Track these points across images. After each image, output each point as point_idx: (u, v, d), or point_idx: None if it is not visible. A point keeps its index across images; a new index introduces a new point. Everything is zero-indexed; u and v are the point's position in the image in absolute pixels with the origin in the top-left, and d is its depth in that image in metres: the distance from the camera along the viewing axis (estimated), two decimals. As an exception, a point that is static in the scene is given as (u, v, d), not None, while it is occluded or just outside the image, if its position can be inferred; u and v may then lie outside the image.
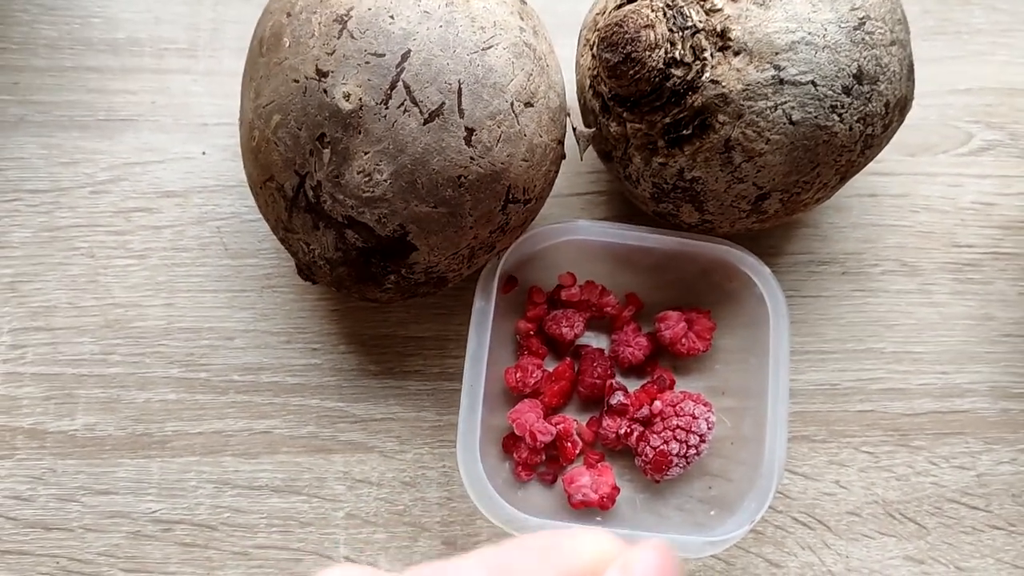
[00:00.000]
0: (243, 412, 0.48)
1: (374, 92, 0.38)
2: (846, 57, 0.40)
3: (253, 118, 0.41)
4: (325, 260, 0.42)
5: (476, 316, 0.45)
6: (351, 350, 0.49)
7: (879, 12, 0.41)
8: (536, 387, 0.48)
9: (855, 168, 0.43)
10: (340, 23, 0.38)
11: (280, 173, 0.41)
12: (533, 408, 0.47)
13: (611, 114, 0.44)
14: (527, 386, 0.48)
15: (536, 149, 0.41)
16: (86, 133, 0.52)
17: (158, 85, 0.53)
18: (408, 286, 0.43)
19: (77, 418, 0.48)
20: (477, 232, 0.41)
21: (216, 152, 0.52)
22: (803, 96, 0.39)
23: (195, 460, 0.47)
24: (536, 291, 0.49)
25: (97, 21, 0.54)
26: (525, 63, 0.40)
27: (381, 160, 0.38)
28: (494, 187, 0.40)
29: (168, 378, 0.49)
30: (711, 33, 0.40)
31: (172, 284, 0.50)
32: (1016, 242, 0.53)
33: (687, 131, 0.41)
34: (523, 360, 0.49)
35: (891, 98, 0.42)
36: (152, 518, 0.47)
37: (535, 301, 0.49)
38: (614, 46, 0.41)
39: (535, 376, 0.48)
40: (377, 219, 0.39)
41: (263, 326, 0.50)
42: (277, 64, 0.40)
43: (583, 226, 0.46)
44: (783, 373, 0.44)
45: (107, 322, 0.49)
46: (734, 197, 0.43)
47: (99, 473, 0.47)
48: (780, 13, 0.39)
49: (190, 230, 0.51)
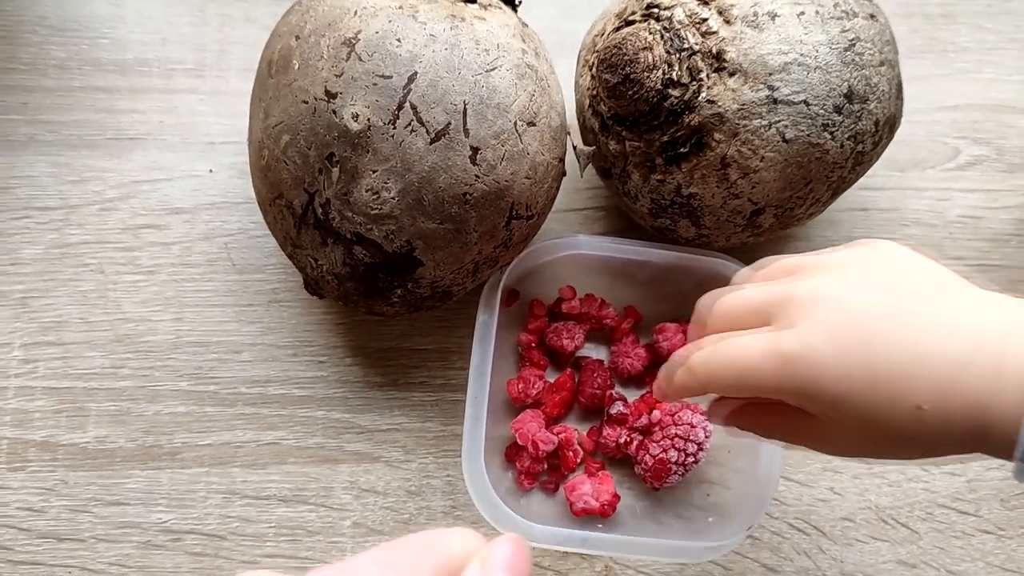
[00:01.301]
0: (251, 424, 0.49)
1: (382, 113, 0.39)
2: (837, 77, 0.41)
3: (263, 138, 0.42)
4: (333, 275, 0.43)
5: (480, 329, 0.46)
6: (357, 362, 0.50)
7: (868, 34, 0.42)
8: (538, 398, 0.49)
9: (846, 184, 0.45)
10: (348, 46, 0.40)
11: (289, 191, 0.42)
12: (535, 418, 0.48)
13: (610, 132, 0.45)
14: (529, 397, 0.49)
15: (538, 167, 0.42)
16: (95, 152, 0.53)
17: (166, 105, 0.54)
18: (414, 300, 0.44)
19: (88, 430, 0.49)
20: (482, 247, 0.42)
21: (223, 170, 0.53)
22: (796, 115, 0.41)
23: (204, 471, 0.48)
24: (537, 304, 0.51)
25: (106, 42, 0.55)
26: (527, 84, 0.41)
27: (389, 178, 0.40)
28: (498, 204, 0.41)
29: (177, 391, 0.50)
30: (707, 55, 0.41)
31: (181, 299, 0.51)
32: (1003, 254, 0.54)
33: (684, 149, 0.42)
34: (525, 371, 0.50)
35: (881, 116, 0.43)
36: (162, 528, 0.48)
37: (536, 314, 0.50)
38: (613, 67, 0.42)
39: (537, 387, 0.49)
40: (385, 235, 0.41)
41: (270, 339, 0.51)
42: (286, 86, 0.41)
43: (583, 241, 0.48)
44: None
45: (117, 337, 0.50)
46: (730, 212, 0.44)
47: (110, 484, 0.48)
48: (773, 35, 0.41)
49: (198, 246, 0.52)
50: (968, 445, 0.31)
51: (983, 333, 0.30)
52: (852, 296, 0.32)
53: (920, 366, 0.30)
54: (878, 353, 0.31)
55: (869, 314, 0.31)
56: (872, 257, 0.34)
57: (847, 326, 0.31)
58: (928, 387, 0.30)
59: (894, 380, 0.31)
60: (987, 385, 0.30)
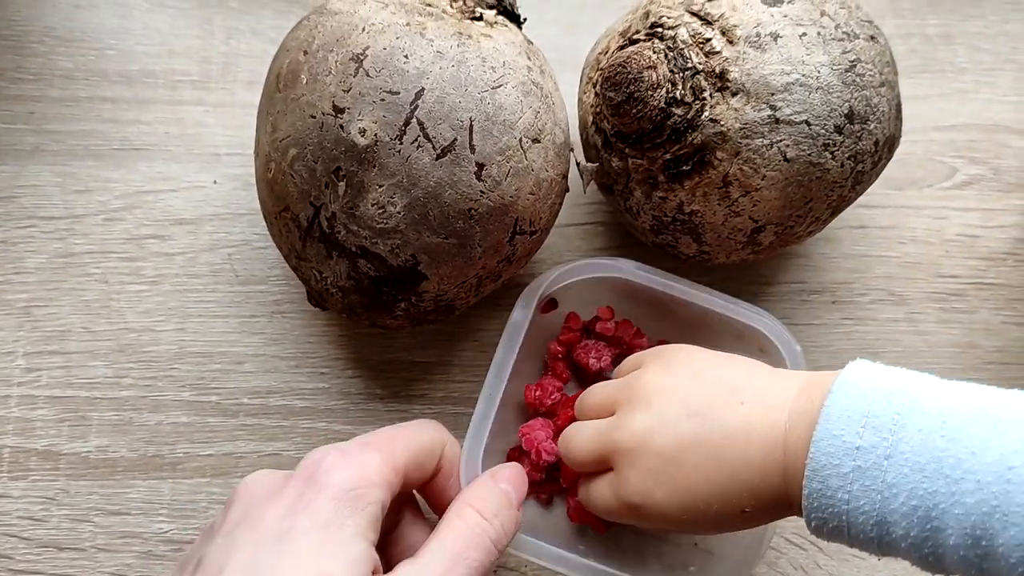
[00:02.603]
0: (253, 435, 0.49)
1: (389, 128, 0.40)
2: (838, 98, 0.42)
3: (270, 151, 0.43)
4: (337, 288, 0.43)
5: (510, 327, 0.46)
6: (358, 375, 0.51)
7: (869, 55, 0.43)
8: (552, 407, 0.49)
9: (846, 202, 0.45)
10: (356, 62, 0.40)
11: (295, 204, 0.42)
12: (545, 427, 0.48)
13: (613, 149, 0.46)
14: (544, 405, 0.49)
15: (543, 183, 0.42)
16: (100, 162, 0.53)
17: (171, 116, 0.55)
18: (417, 313, 0.44)
19: (90, 440, 0.49)
20: (485, 262, 0.43)
21: (227, 181, 0.54)
22: (797, 135, 0.41)
23: (205, 481, 0.49)
24: (574, 317, 0.51)
25: (112, 53, 0.56)
26: (533, 101, 0.42)
27: (395, 193, 0.40)
28: (503, 219, 0.42)
29: (179, 401, 0.50)
30: (710, 74, 0.42)
31: (184, 309, 0.51)
32: (999, 273, 0.55)
33: (687, 167, 0.43)
34: (545, 380, 0.50)
35: (880, 136, 0.44)
36: (163, 538, 0.48)
37: (571, 327, 0.51)
38: (617, 86, 0.42)
39: (553, 397, 0.49)
40: (390, 249, 0.41)
41: (272, 351, 0.51)
42: (294, 100, 0.41)
43: (632, 267, 0.47)
44: None
45: (120, 346, 0.50)
46: (731, 230, 0.45)
47: (111, 494, 0.48)
48: (776, 56, 0.41)
49: (202, 257, 0.52)
50: (784, 515, 0.38)
51: (772, 434, 0.36)
52: (662, 440, 0.38)
53: (733, 480, 0.37)
54: (698, 482, 0.37)
55: (680, 451, 0.38)
56: (673, 376, 0.41)
57: (668, 468, 0.38)
58: (744, 493, 0.37)
59: (717, 498, 0.37)
60: (783, 472, 0.36)
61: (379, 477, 0.35)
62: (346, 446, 0.36)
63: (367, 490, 0.34)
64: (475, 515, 0.37)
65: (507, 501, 0.39)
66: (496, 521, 0.37)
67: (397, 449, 0.37)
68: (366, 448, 0.36)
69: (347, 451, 0.35)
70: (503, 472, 0.41)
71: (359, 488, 0.34)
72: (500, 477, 0.40)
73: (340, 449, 0.35)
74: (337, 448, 0.36)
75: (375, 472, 0.35)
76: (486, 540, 0.36)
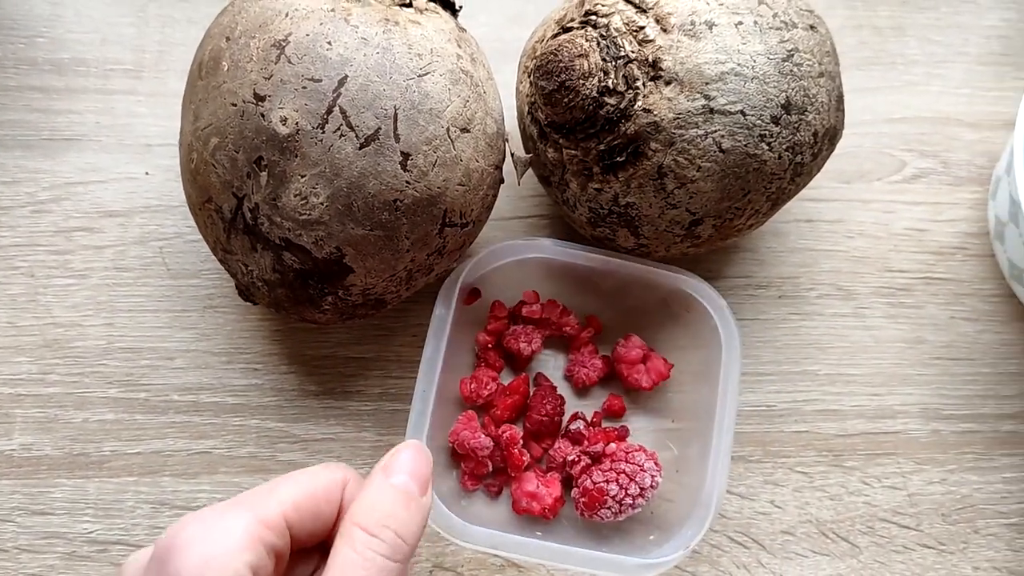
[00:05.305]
0: (182, 432, 0.48)
1: (311, 116, 0.38)
2: (774, 88, 0.41)
3: (192, 140, 0.41)
4: (263, 281, 0.42)
5: (435, 323, 0.45)
6: (292, 371, 0.50)
7: (808, 45, 0.42)
8: (489, 399, 0.48)
9: (786, 195, 0.45)
10: (278, 48, 0.39)
11: (218, 195, 0.41)
12: (467, 425, 0.47)
13: (548, 140, 0.44)
14: (481, 397, 0.48)
15: (473, 174, 0.41)
16: (29, 152, 0.52)
17: (103, 106, 0.53)
18: (346, 308, 0.43)
19: (14, 438, 0.48)
20: (414, 255, 0.42)
21: (159, 173, 0.52)
22: (733, 125, 0.40)
23: (133, 480, 0.47)
24: (498, 305, 0.50)
25: (43, 41, 0.54)
26: (462, 89, 0.41)
27: (317, 183, 0.39)
28: (430, 211, 0.40)
29: (107, 398, 0.48)
30: (643, 63, 0.41)
31: (113, 304, 0.50)
32: (947, 268, 0.54)
33: (621, 158, 0.42)
34: (479, 372, 0.49)
35: (819, 128, 0.43)
36: (88, 539, 0.46)
37: (496, 315, 0.50)
38: (549, 74, 0.41)
39: (489, 388, 0.48)
40: (314, 241, 0.40)
41: (204, 346, 0.50)
42: (216, 88, 0.40)
43: (549, 245, 0.47)
44: (730, 404, 0.45)
45: (46, 342, 0.49)
46: (668, 222, 0.44)
47: (35, 493, 0.47)
48: (710, 44, 0.40)
49: (132, 250, 0.51)
50: None
51: None
52: None
53: None
54: None
55: None
56: None
57: None
58: None
59: None
60: None
61: (246, 540, 0.32)
62: (207, 513, 0.33)
63: (228, 558, 0.31)
64: (361, 534, 0.34)
65: (401, 497, 0.35)
66: (386, 532, 0.34)
67: (272, 503, 0.34)
68: (233, 509, 0.33)
69: (206, 520, 0.33)
70: (396, 460, 0.36)
71: (218, 558, 0.31)
72: (392, 468, 0.36)
73: (200, 519, 0.33)
74: (197, 518, 0.33)
75: (240, 536, 0.32)
76: (377, 559, 0.33)
